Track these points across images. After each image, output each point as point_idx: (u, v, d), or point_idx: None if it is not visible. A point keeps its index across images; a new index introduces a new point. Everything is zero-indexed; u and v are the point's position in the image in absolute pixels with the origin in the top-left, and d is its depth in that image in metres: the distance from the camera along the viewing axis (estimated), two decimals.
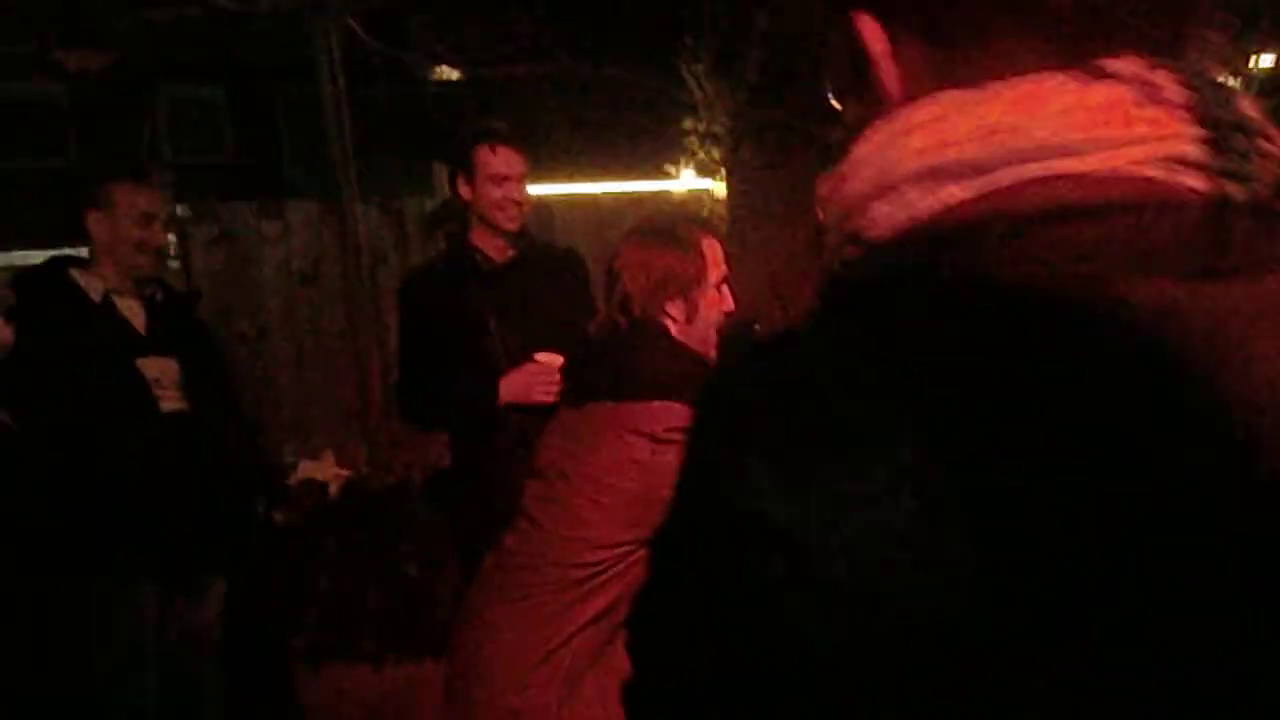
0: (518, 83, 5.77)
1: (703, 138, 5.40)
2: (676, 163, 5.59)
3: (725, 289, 2.19)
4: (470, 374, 2.95)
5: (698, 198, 5.66)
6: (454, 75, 5.78)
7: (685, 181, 5.60)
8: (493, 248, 3.06)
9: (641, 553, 1.86)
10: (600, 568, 1.97)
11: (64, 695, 2.83)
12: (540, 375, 2.86)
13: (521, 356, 2.92)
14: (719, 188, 5.54)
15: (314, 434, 4.76)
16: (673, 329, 2.10)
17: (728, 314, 2.19)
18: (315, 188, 6.91)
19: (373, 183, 5.24)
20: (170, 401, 2.99)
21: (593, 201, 5.75)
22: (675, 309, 2.10)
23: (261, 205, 5.02)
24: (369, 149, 5.21)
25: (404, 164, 7.61)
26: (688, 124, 5.48)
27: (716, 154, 5.39)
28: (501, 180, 2.97)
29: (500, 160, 2.98)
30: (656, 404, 1.96)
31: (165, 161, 12.83)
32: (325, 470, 4.53)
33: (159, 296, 3.11)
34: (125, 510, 2.85)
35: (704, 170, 5.51)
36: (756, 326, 4.96)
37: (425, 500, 4.03)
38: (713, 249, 2.16)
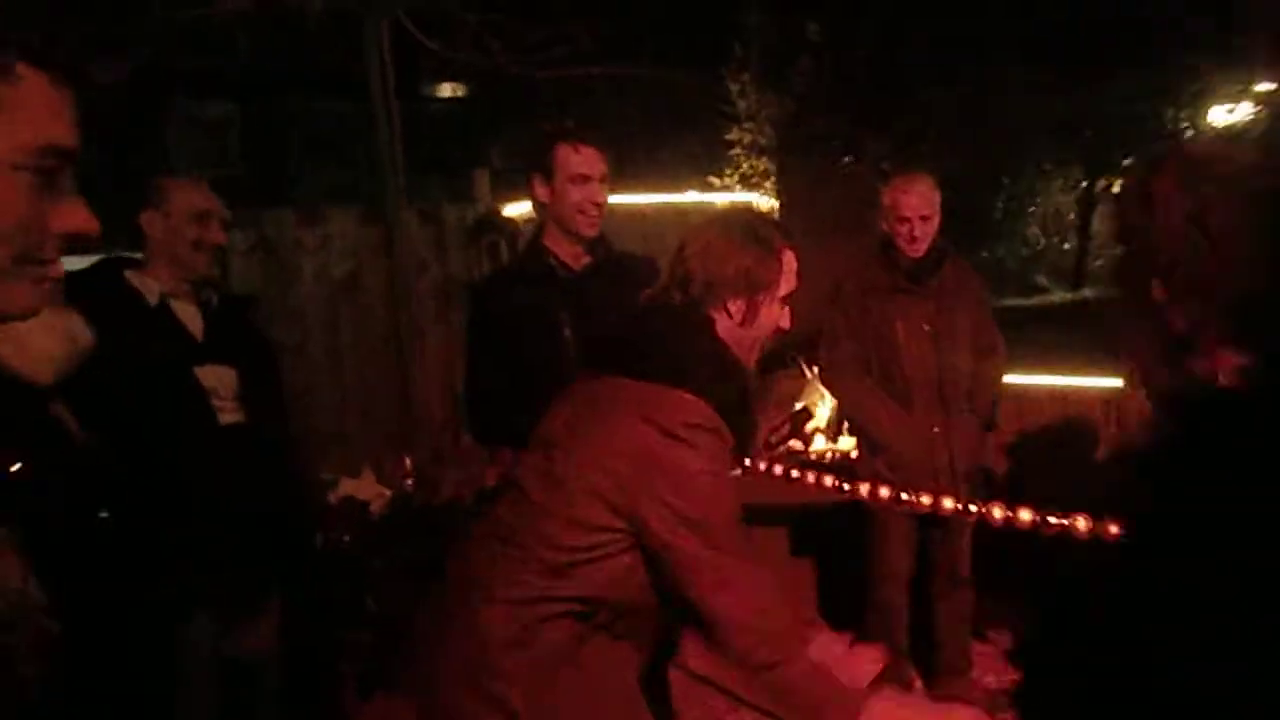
0: (565, 85, 5.64)
1: (748, 149, 5.29)
2: (721, 174, 5.48)
3: (788, 306, 2.08)
4: (546, 387, 2.80)
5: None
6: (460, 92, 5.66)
7: (730, 194, 5.49)
8: (569, 254, 2.91)
9: (623, 546, 1.85)
10: (579, 552, 1.86)
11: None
12: None
13: None
14: (764, 200, 5.42)
15: (353, 449, 4.59)
16: (724, 325, 1.99)
17: (781, 331, 2.09)
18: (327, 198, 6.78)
19: (412, 191, 5.10)
20: (228, 413, 2.84)
21: (638, 212, 5.61)
22: (735, 307, 1.99)
23: (301, 213, 4.88)
24: (409, 157, 5.07)
25: (444, 173, 7.49)
26: (733, 135, 5.37)
27: (762, 166, 5.28)
28: (583, 181, 2.83)
29: (583, 159, 2.83)
30: (679, 394, 1.87)
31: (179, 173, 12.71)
32: (367, 488, 4.36)
33: (215, 301, 2.96)
34: (183, 528, 2.69)
35: (749, 183, 5.40)
36: (794, 356, 4.82)
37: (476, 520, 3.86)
38: (790, 261, 2.05)
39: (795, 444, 5.12)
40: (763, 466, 3.86)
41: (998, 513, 3.16)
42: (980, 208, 14.04)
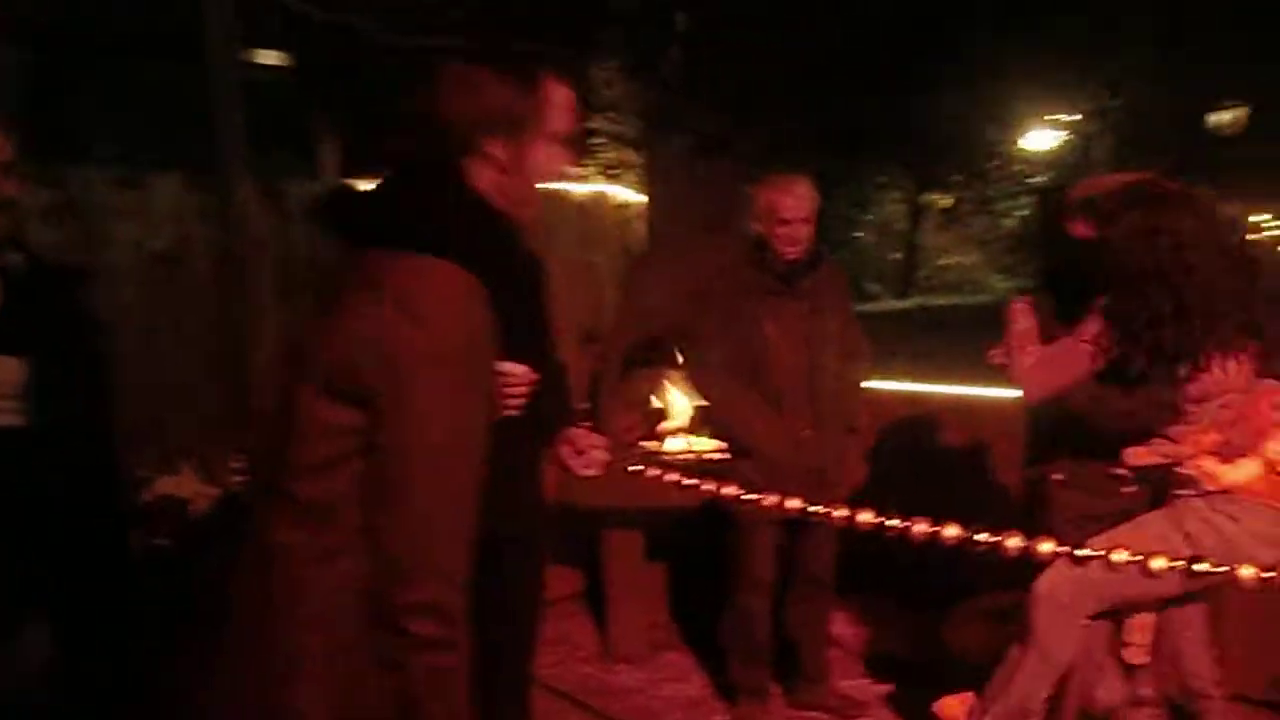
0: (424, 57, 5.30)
1: (612, 139, 5.11)
2: (581, 163, 5.28)
3: (562, 145, 1.83)
4: None
5: (599, 200, 5.36)
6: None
7: (589, 184, 5.30)
8: None
9: (359, 462, 1.53)
10: (325, 469, 1.56)
11: None
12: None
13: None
14: (624, 192, 5.25)
15: (172, 443, 4.14)
16: (485, 175, 1.71)
17: (558, 173, 1.85)
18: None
19: (249, 163, 4.67)
20: (4, 415, 2.44)
21: None
22: (498, 149, 1.71)
23: (119, 174, 4.35)
24: (248, 127, 4.63)
25: (286, 145, 6.98)
26: (596, 123, 5.18)
27: (626, 157, 5.11)
28: None
29: None
30: (421, 259, 1.58)
31: None
32: (187, 486, 3.95)
33: (21, 263, 2.55)
34: None
35: (610, 173, 5.22)
36: (676, 349, 4.69)
37: None
38: (556, 92, 1.77)
39: (650, 444, 4.99)
40: (625, 467, 3.71)
41: (864, 517, 3.09)
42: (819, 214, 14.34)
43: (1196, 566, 2.09)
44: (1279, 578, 1.94)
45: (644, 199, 5.19)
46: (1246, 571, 1.97)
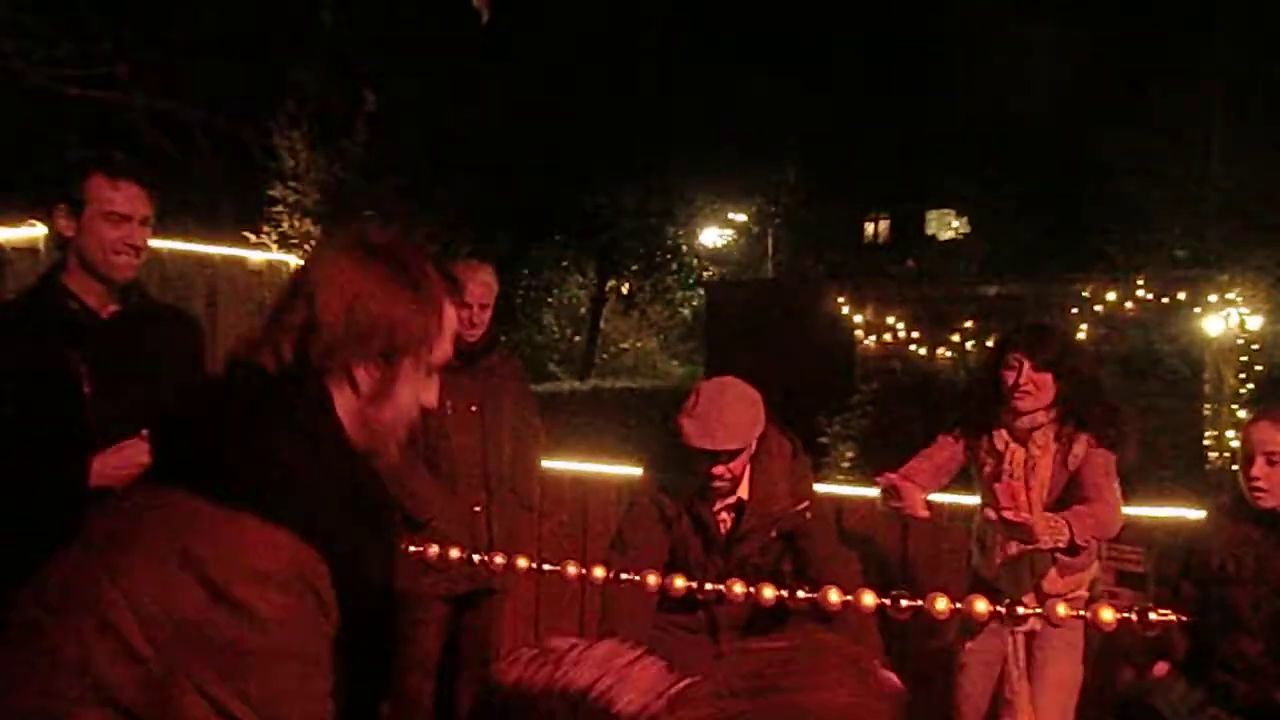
0: (97, 109, 5.01)
1: (292, 209, 5.03)
2: (259, 231, 5.15)
3: (434, 379, 1.47)
4: (55, 449, 2.39)
5: (276, 269, 5.24)
6: None
7: (266, 252, 5.17)
8: (94, 297, 2.54)
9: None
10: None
11: None
12: (146, 456, 2.38)
13: (121, 430, 2.41)
14: (302, 262, 5.18)
15: None
16: (343, 403, 1.35)
17: (425, 412, 1.48)
18: None
19: None
20: None
21: (154, 256, 5.08)
22: (365, 376, 1.35)
23: None
24: None
25: None
26: (277, 192, 5.09)
27: (305, 228, 5.05)
28: (120, 220, 2.50)
29: (123, 197, 2.51)
30: (256, 526, 1.20)
31: None
32: None
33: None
34: None
35: (288, 243, 5.12)
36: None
37: None
38: (452, 317, 1.45)
39: None
40: None
41: (522, 562, 3.18)
42: (502, 294, 14.58)
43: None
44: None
45: None
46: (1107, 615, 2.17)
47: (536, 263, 18.34)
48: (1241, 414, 8.18)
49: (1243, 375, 8.44)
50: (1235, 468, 2.82)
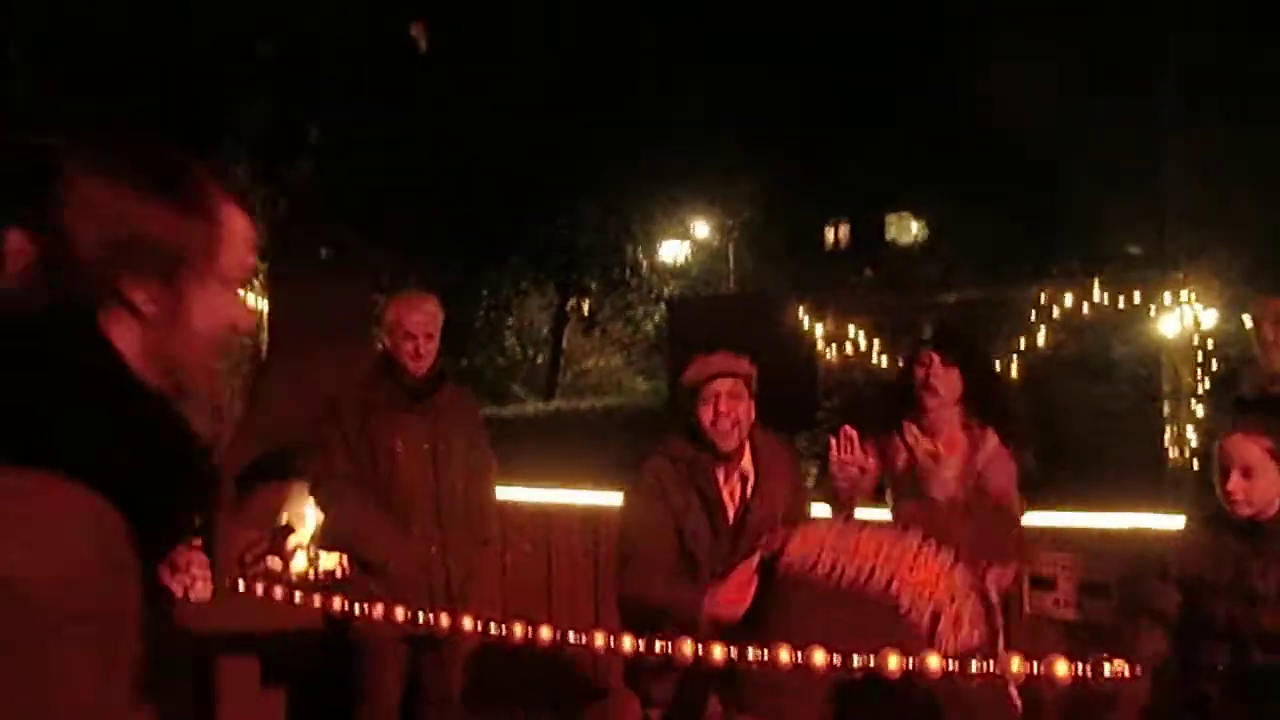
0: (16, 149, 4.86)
1: None
2: None
3: (235, 294, 1.26)
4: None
5: None
6: None
7: None
8: None
9: None
10: None
11: None
12: None
13: None
14: (250, 299, 5.06)
15: None
16: (126, 332, 1.18)
17: (234, 328, 1.27)
18: None
19: None
20: None
21: None
22: (144, 297, 1.18)
23: None
24: None
25: None
26: None
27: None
28: None
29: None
30: (34, 479, 1.03)
31: None
32: None
33: None
34: None
35: None
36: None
37: None
38: (235, 220, 1.23)
39: (274, 562, 4.75)
40: (240, 586, 3.52)
41: (467, 624, 3.09)
42: (462, 319, 14.50)
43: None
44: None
45: (267, 307, 5.04)
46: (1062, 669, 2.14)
47: (495, 285, 18.24)
48: (1200, 411, 8.25)
49: (1199, 373, 8.50)
50: (1197, 468, 2.83)
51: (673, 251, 21.74)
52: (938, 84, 17.41)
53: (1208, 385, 8.40)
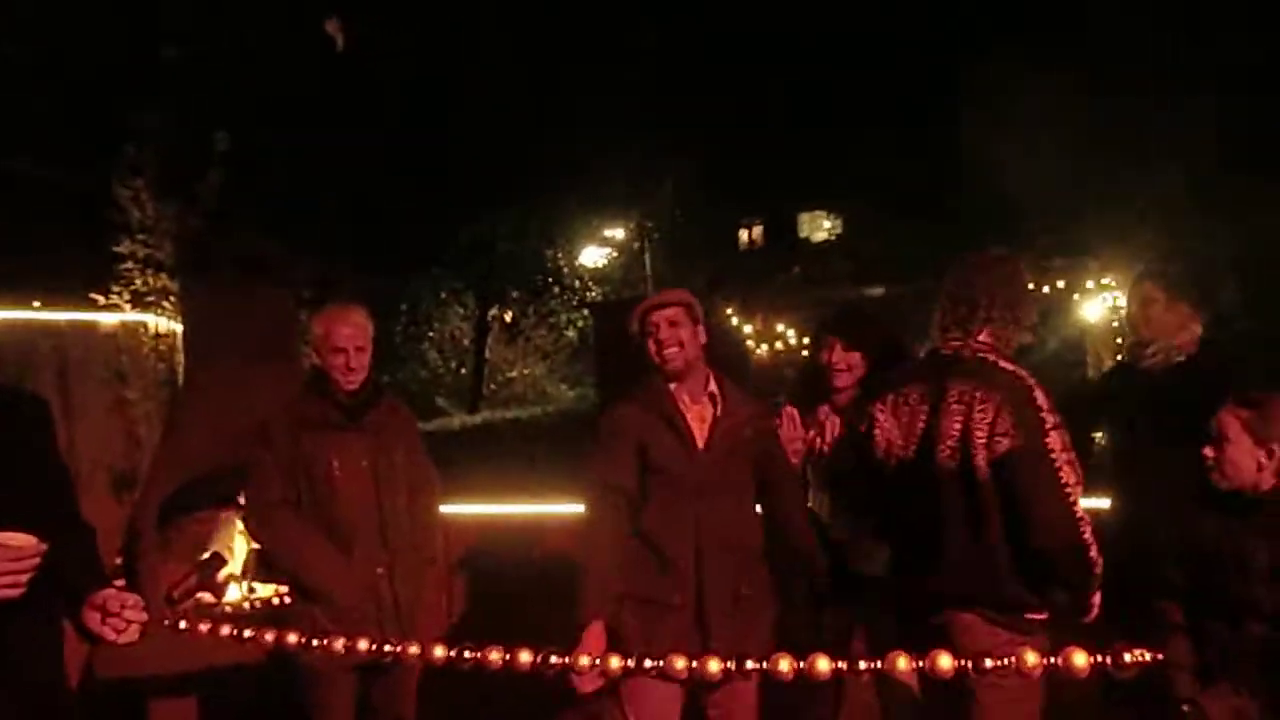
0: None
1: (143, 264, 4.65)
2: (109, 291, 4.75)
3: None
4: None
5: (132, 330, 4.84)
6: None
7: (120, 313, 4.77)
8: None
9: None
10: None
11: None
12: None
13: None
14: (161, 321, 4.79)
15: None
16: None
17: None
18: None
19: None
20: None
21: None
22: None
23: None
24: None
25: None
26: (125, 247, 4.69)
27: (160, 283, 4.67)
28: None
29: None
30: None
31: None
32: None
33: None
34: None
35: (144, 301, 4.74)
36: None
37: None
38: None
39: (206, 596, 4.53)
40: (172, 624, 3.31)
41: (439, 651, 2.95)
42: (382, 331, 14.17)
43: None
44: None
45: (181, 328, 4.78)
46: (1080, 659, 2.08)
47: (414, 297, 17.92)
48: None
49: (1120, 356, 8.67)
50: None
51: (593, 256, 21.63)
52: (847, 80, 17.62)
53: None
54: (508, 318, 20.05)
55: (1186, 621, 2.66)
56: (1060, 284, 8.57)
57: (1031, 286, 3.23)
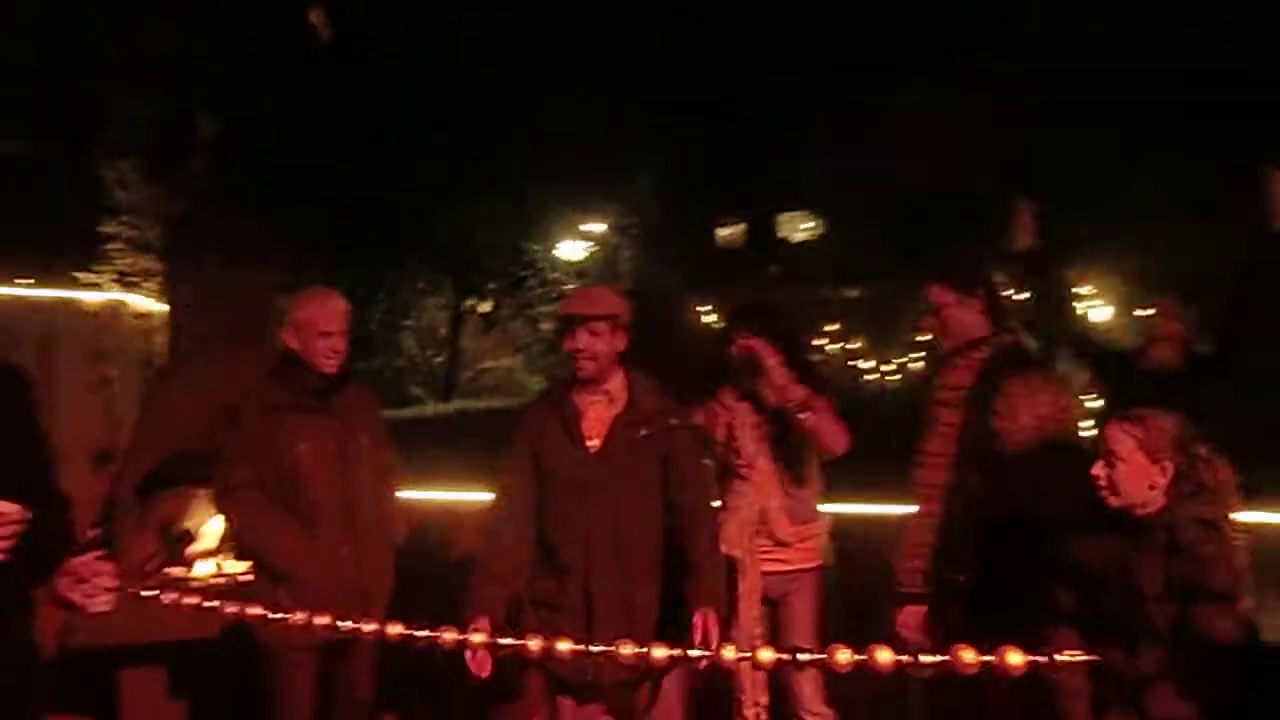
0: None
1: (129, 244, 4.75)
2: (93, 269, 4.85)
3: None
4: None
5: (115, 309, 4.94)
6: None
7: (103, 292, 4.87)
8: None
9: None
10: None
11: None
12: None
13: None
14: (144, 301, 4.89)
15: None
16: None
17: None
18: None
19: None
20: None
21: None
22: None
23: None
24: None
25: None
26: (111, 227, 4.79)
27: (145, 264, 4.77)
28: None
29: None
30: None
31: None
32: None
33: None
34: None
35: (127, 281, 4.84)
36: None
37: None
38: None
39: (176, 570, 4.64)
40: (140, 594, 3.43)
41: (394, 629, 3.05)
42: (358, 320, 14.12)
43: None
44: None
45: (166, 308, 4.87)
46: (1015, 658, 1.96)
47: (392, 286, 17.93)
48: (1090, 404, 8.56)
49: (1092, 365, 8.82)
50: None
51: (571, 250, 21.69)
52: (829, 81, 17.73)
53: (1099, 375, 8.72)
54: (484, 309, 20.10)
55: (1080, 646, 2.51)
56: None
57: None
